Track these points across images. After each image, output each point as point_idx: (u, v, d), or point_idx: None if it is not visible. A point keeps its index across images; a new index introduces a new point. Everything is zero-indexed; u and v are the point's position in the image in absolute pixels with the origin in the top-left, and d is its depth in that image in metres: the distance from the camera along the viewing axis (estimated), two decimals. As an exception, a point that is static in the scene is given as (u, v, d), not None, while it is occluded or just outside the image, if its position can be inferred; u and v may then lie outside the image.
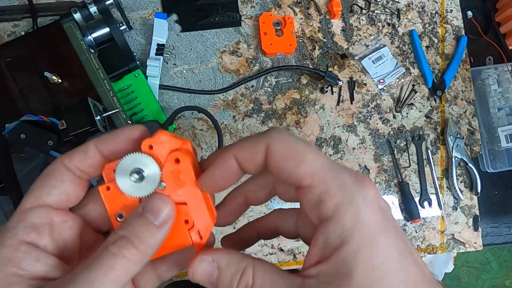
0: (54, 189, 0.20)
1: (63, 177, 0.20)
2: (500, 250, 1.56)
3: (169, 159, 0.20)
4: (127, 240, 0.17)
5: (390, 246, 0.17)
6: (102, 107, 0.48)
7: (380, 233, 0.17)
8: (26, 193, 0.20)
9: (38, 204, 0.19)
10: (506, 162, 0.65)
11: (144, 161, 0.20)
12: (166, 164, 0.20)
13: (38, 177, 0.20)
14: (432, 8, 0.69)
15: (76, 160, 0.20)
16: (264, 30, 0.64)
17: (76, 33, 0.51)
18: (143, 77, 0.57)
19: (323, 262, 0.17)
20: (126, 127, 0.21)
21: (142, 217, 0.18)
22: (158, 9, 0.65)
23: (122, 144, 0.21)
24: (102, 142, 0.21)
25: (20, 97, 0.48)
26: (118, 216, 0.20)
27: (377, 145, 0.65)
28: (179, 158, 0.20)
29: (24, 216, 0.19)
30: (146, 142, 0.20)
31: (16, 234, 0.18)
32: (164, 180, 0.20)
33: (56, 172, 0.20)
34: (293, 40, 0.64)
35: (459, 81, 0.68)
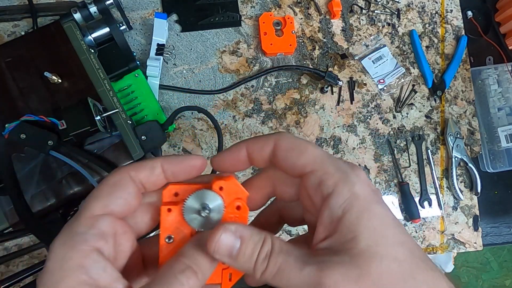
0: (121, 199, 0.20)
1: (129, 189, 0.21)
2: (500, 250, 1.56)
3: (232, 204, 0.22)
4: (193, 271, 0.19)
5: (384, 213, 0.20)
6: (102, 107, 0.48)
7: (374, 202, 0.20)
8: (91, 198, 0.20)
9: (106, 212, 0.20)
10: (506, 162, 0.65)
11: (214, 199, 0.22)
12: (228, 207, 0.22)
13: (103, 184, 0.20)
14: (432, 8, 0.69)
15: (142, 175, 0.21)
16: (264, 30, 0.64)
17: (76, 33, 0.51)
18: (143, 77, 0.57)
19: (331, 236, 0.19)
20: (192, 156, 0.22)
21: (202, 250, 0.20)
22: (158, 9, 0.65)
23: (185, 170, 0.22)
24: (169, 163, 0.22)
25: (20, 97, 0.48)
26: (167, 238, 0.22)
27: (377, 145, 0.65)
28: (241, 207, 0.23)
29: (94, 222, 0.19)
30: (219, 183, 0.22)
31: (87, 240, 0.19)
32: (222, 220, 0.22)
33: (123, 183, 0.20)
34: (293, 40, 0.64)
35: (459, 81, 0.68)
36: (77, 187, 0.47)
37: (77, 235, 0.19)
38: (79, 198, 0.47)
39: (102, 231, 0.19)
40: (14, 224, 0.46)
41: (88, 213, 0.20)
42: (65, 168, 0.47)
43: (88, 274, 0.18)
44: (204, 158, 0.23)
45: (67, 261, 0.18)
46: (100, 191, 0.20)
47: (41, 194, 0.46)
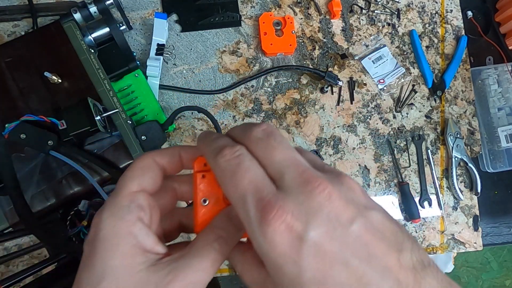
0: (151, 179, 0.24)
1: (156, 171, 0.24)
2: (500, 250, 1.56)
3: None
4: (225, 240, 0.22)
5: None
6: (102, 107, 0.48)
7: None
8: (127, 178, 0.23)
9: (142, 189, 0.23)
10: (506, 162, 0.65)
11: None
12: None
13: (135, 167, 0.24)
14: (432, 8, 0.69)
15: (165, 160, 0.25)
16: (264, 30, 0.64)
17: (76, 33, 0.51)
18: (143, 77, 0.57)
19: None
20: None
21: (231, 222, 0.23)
22: (158, 9, 0.65)
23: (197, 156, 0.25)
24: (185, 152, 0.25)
25: (20, 97, 0.48)
26: (203, 200, 0.25)
27: (377, 145, 0.65)
28: None
29: (134, 197, 0.22)
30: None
31: (131, 211, 0.22)
32: None
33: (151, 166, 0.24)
34: (293, 40, 0.64)
35: (459, 81, 0.68)
36: (77, 187, 0.47)
37: (123, 208, 0.22)
38: (79, 198, 0.47)
39: (141, 204, 0.22)
40: (14, 224, 0.46)
41: (127, 191, 0.23)
42: (65, 168, 0.47)
43: (137, 239, 0.21)
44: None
45: (118, 229, 0.21)
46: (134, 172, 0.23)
47: (41, 194, 0.46)
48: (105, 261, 0.20)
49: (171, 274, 0.20)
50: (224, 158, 0.20)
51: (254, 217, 0.18)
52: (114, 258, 0.20)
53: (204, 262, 0.21)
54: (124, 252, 0.20)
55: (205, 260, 0.21)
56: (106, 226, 0.21)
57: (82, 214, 0.48)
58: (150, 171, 0.24)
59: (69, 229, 0.47)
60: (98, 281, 0.20)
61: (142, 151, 0.49)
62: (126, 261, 0.20)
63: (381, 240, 0.18)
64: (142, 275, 0.20)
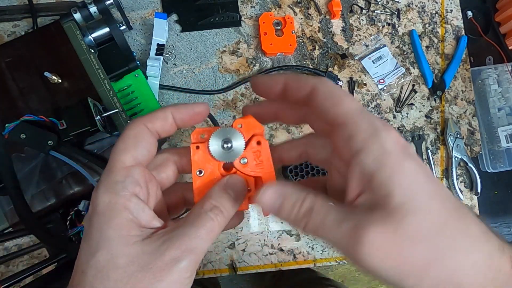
0: (145, 150, 0.23)
1: (150, 140, 0.24)
2: (500, 250, 1.55)
3: (253, 139, 0.25)
4: (219, 210, 0.22)
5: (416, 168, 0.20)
6: (102, 107, 0.48)
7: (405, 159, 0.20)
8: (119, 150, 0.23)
9: (136, 163, 0.23)
10: (506, 162, 0.65)
11: (235, 135, 0.25)
12: (250, 143, 0.25)
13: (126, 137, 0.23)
14: (432, 8, 0.69)
15: (157, 125, 0.24)
16: (264, 30, 0.64)
17: (76, 33, 0.51)
18: (143, 77, 0.57)
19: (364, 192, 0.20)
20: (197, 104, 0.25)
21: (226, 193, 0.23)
22: (158, 9, 0.65)
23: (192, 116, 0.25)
24: (178, 111, 0.25)
25: (20, 97, 0.48)
26: (198, 171, 0.25)
27: (377, 145, 0.65)
28: (261, 141, 0.25)
29: (129, 172, 0.22)
30: (238, 121, 0.25)
31: (126, 187, 0.22)
32: (246, 155, 0.25)
33: (143, 134, 0.23)
34: (293, 40, 0.64)
35: (459, 81, 0.68)
36: (77, 187, 0.47)
37: (118, 184, 0.22)
38: (79, 198, 0.47)
39: (137, 179, 0.22)
40: (14, 224, 0.46)
41: (121, 164, 0.22)
42: (65, 168, 0.47)
43: (132, 214, 0.21)
44: (207, 104, 0.26)
45: (113, 204, 0.21)
46: (126, 143, 0.23)
47: (41, 194, 0.46)
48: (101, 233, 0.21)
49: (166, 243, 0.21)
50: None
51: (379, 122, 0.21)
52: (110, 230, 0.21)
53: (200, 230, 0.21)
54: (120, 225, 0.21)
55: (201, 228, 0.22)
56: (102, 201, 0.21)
57: (82, 214, 0.48)
58: (143, 140, 0.23)
59: (69, 229, 0.47)
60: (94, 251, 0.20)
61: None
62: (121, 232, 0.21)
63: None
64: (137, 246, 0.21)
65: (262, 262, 0.61)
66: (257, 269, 0.61)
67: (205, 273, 0.60)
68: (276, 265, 0.62)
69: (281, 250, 0.62)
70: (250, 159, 0.25)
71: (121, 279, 0.20)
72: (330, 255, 0.63)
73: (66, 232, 0.46)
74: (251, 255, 0.61)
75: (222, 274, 0.61)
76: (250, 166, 0.25)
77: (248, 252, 0.61)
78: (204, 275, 0.60)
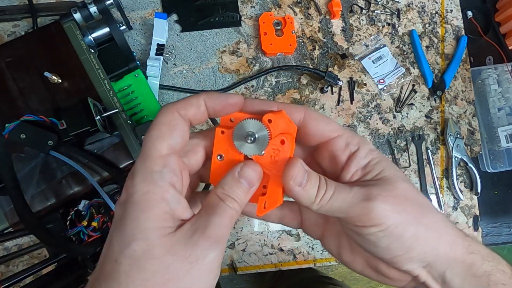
0: (179, 138, 0.23)
1: (184, 127, 0.23)
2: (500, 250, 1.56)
3: (277, 137, 0.25)
4: (232, 199, 0.23)
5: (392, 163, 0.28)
6: (102, 107, 0.48)
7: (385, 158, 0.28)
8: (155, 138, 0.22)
9: (171, 151, 0.23)
10: (506, 162, 0.65)
11: (261, 130, 0.24)
12: (273, 140, 0.25)
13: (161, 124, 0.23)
14: (432, 8, 0.69)
15: (190, 113, 0.24)
16: (264, 30, 0.64)
17: (76, 33, 0.51)
18: (143, 77, 0.57)
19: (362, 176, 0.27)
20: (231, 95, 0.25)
21: (239, 182, 0.24)
22: (158, 9, 0.65)
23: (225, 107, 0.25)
24: (211, 101, 0.24)
25: (20, 97, 0.48)
26: (219, 156, 0.25)
27: (377, 145, 0.65)
28: (285, 141, 0.25)
29: (166, 161, 0.22)
30: (268, 116, 0.25)
31: (164, 177, 0.22)
32: (266, 151, 0.25)
33: (177, 122, 0.23)
34: (293, 40, 0.64)
35: (459, 81, 0.68)
36: (77, 187, 0.47)
37: (156, 173, 0.22)
38: (79, 198, 0.47)
39: (174, 169, 0.22)
40: (14, 224, 0.46)
41: (157, 153, 0.22)
42: (65, 168, 0.47)
43: (169, 205, 0.22)
44: (242, 97, 0.25)
45: (151, 195, 0.21)
46: (160, 130, 0.23)
47: (41, 194, 0.46)
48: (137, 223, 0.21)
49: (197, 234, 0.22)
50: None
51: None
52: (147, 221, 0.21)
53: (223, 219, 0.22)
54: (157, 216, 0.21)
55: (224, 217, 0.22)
56: (139, 191, 0.21)
57: (82, 214, 0.48)
58: (177, 128, 0.23)
59: (69, 229, 0.47)
60: (129, 240, 0.20)
61: (142, 151, 0.49)
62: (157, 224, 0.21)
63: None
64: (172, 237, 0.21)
65: (262, 262, 0.61)
66: (257, 269, 0.61)
67: (205, 273, 0.60)
68: (276, 265, 0.62)
69: (281, 250, 0.62)
70: (267, 154, 0.25)
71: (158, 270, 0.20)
72: (330, 255, 0.63)
73: (66, 232, 0.46)
74: (251, 255, 0.61)
75: (222, 274, 0.61)
76: (264, 161, 0.25)
77: (248, 252, 0.61)
78: (204, 275, 0.60)
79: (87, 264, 0.45)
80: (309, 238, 0.62)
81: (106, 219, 0.47)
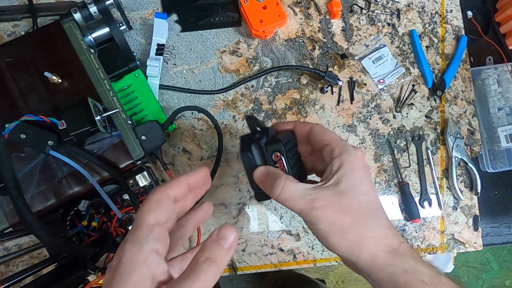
0: (165, 212, 0.27)
1: (169, 205, 0.28)
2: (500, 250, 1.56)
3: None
4: (212, 261, 0.25)
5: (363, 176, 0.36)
6: (102, 107, 0.48)
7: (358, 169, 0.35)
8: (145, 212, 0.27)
9: (157, 222, 0.26)
10: (506, 162, 0.65)
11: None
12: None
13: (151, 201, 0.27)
14: (432, 8, 0.69)
15: (175, 191, 0.29)
16: (249, 9, 0.61)
17: (76, 33, 0.51)
18: (143, 77, 0.57)
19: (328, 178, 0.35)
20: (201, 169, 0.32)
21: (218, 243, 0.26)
22: (158, 9, 0.65)
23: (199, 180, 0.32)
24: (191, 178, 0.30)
25: (20, 97, 0.48)
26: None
27: (377, 145, 0.65)
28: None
29: (152, 229, 0.26)
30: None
31: (149, 241, 0.25)
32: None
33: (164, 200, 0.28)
34: (281, 10, 0.62)
35: (459, 81, 0.68)
36: (77, 187, 0.47)
37: (142, 238, 0.25)
38: (79, 198, 0.47)
39: (157, 236, 0.26)
40: (14, 224, 0.46)
41: (146, 223, 0.26)
42: (65, 168, 0.47)
43: (150, 269, 0.24)
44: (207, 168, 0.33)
45: (136, 257, 0.25)
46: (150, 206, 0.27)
47: (41, 194, 0.46)
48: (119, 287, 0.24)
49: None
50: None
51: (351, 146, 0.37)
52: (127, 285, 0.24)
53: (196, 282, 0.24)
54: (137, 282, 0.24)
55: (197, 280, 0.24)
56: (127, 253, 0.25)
57: (82, 214, 0.48)
58: (164, 205, 0.27)
59: (69, 229, 0.47)
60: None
61: (142, 151, 0.49)
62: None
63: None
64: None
65: (262, 262, 0.61)
66: (257, 269, 0.61)
67: (205, 273, 0.60)
68: (276, 265, 0.62)
69: (281, 250, 0.62)
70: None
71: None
72: (330, 255, 0.63)
73: (66, 232, 0.46)
74: (251, 255, 0.61)
75: (222, 274, 0.61)
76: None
77: (248, 252, 0.61)
78: (204, 275, 0.60)
79: (87, 264, 0.45)
80: (309, 238, 0.62)
81: (106, 219, 0.47)
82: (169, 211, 0.28)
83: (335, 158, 0.35)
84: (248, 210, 0.62)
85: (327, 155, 0.37)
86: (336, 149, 0.36)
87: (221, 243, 0.26)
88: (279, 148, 0.36)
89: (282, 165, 0.37)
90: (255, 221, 0.62)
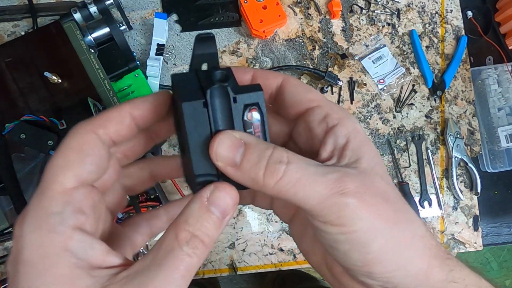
0: (93, 165, 0.18)
1: (101, 151, 0.18)
2: (500, 250, 1.56)
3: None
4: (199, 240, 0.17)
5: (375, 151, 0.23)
6: (102, 107, 0.48)
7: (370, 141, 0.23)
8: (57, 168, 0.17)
9: (80, 183, 0.17)
10: (506, 162, 0.65)
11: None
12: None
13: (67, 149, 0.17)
14: (432, 8, 0.69)
15: (112, 131, 0.18)
16: (249, 9, 0.62)
17: (76, 33, 0.51)
18: (143, 77, 0.57)
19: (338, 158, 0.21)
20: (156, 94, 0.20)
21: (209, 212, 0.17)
22: (158, 9, 0.65)
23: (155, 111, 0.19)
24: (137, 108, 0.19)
25: (20, 97, 0.48)
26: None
27: (377, 145, 0.65)
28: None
29: (70, 198, 0.17)
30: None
31: (65, 219, 0.16)
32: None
33: (92, 146, 0.18)
34: (281, 10, 0.62)
35: (459, 81, 0.68)
36: (77, 187, 0.47)
37: (53, 216, 0.16)
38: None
39: (80, 207, 0.17)
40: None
41: (59, 187, 0.17)
42: (65, 168, 0.47)
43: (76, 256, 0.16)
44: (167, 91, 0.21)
45: (47, 247, 0.16)
46: (67, 158, 0.17)
47: (41, 194, 0.46)
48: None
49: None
50: None
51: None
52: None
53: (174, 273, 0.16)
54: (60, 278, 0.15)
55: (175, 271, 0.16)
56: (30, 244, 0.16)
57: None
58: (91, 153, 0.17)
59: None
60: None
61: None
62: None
63: None
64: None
65: (262, 262, 0.61)
66: (257, 269, 0.61)
67: (205, 273, 0.60)
68: (276, 265, 0.62)
69: (281, 250, 0.62)
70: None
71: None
72: (330, 255, 0.62)
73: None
74: (251, 255, 0.61)
75: (222, 274, 0.61)
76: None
77: (248, 252, 0.61)
78: (204, 275, 0.60)
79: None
80: (309, 238, 0.62)
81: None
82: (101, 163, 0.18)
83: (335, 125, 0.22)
84: (248, 210, 0.62)
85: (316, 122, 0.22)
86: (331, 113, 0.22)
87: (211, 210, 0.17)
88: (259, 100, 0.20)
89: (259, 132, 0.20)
90: (255, 221, 0.62)
